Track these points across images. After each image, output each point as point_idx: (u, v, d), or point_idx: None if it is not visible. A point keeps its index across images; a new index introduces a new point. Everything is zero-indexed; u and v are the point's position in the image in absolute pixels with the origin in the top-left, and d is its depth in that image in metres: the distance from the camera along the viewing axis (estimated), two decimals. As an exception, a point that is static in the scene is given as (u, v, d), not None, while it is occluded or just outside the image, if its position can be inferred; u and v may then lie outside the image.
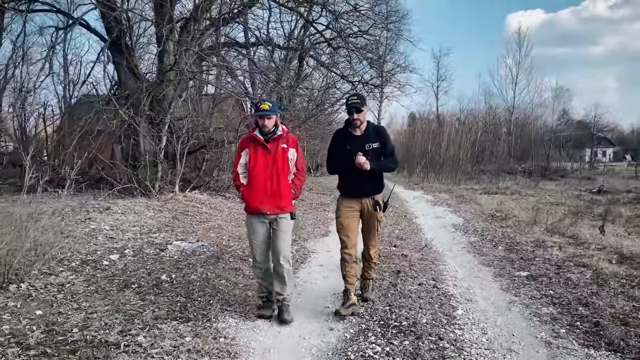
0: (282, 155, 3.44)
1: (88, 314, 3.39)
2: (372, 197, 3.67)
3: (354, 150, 3.57)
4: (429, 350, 2.93)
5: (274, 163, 3.41)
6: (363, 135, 3.67)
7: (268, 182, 3.40)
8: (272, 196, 3.40)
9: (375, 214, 3.67)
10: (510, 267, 4.98)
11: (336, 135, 3.89)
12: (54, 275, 4.19)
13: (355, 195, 3.72)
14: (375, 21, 14.60)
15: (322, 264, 5.12)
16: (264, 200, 3.39)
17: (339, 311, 3.52)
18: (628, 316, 3.43)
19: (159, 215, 7.21)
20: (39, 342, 2.91)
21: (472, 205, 10.70)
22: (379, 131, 3.78)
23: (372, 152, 3.62)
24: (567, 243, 5.85)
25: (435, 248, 6.02)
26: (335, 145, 3.79)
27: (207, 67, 11.38)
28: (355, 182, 3.66)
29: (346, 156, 3.61)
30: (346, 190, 3.79)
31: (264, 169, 3.41)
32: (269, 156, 3.42)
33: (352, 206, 3.72)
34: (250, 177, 3.46)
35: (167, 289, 4.01)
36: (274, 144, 3.44)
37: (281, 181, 3.42)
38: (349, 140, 3.67)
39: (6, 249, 3.88)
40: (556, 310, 3.64)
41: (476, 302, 3.89)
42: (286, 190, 3.45)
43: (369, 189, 3.70)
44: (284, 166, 3.44)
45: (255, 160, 3.43)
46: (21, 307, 3.47)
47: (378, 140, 3.68)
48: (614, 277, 4.27)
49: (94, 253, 4.98)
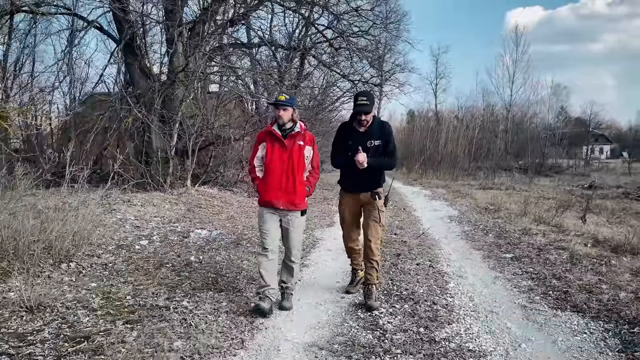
0: (298, 152, 3.50)
1: (135, 286, 4.02)
2: (372, 191, 3.76)
3: (355, 146, 3.66)
4: (425, 311, 3.58)
5: (290, 159, 3.48)
6: (366, 132, 3.72)
7: (283, 178, 3.48)
8: (287, 192, 3.48)
9: (375, 203, 3.74)
10: (497, 250, 5.65)
11: (340, 128, 3.97)
12: (96, 257, 4.82)
13: (356, 190, 3.82)
14: (374, 22, 15.20)
15: (330, 249, 5.76)
16: (278, 195, 3.48)
17: (348, 290, 4.02)
18: (593, 287, 4.09)
19: (176, 208, 7.83)
20: (100, 306, 3.54)
21: (468, 199, 11.37)
22: (383, 128, 3.81)
23: (373, 149, 3.70)
24: (550, 231, 6.53)
25: (431, 236, 6.68)
26: (339, 139, 3.88)
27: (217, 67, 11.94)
28: (356, 176, 3.73)
29: (347, 151, 3.71)
30: (347, 184, 3.90)
31: (280, 164, 3.48)
32: (285, 152, 3.48)
33: (352, 201, 3.86)
34: (266, 171, 3.54)
35: (197, 268, 4.65)
36: (291, 141, 3.50)
37: (296, 178, 3.49)
38: (352, 135, 3.75)
39: (55, 235, 4.52)
40: (533, 283, 4.31)
41: (466, 278, 4.55)
42: (300, 187, 3.53)
43: (369, 183, 3.77)
44: (299, 163, 3.51)
45: (271, 155, 3.50)
46: (76, 281, 4.10)
47: (381, 137, 3.73)
48: (586, 257, 4.95)
49: (125, 239, 5.61)
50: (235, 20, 11.82)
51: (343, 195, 3.97)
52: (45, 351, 2.77)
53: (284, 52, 15.25)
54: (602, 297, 3.80)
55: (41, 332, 3.02)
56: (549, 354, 2.90)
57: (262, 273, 3.49)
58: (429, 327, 3.26)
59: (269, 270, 3.50)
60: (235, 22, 12.07)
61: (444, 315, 3.52)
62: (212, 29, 11.46)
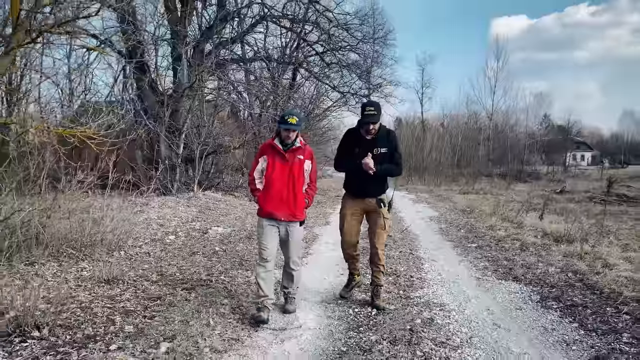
0: (298, 166, 3.67)
1: (179, 267, 5.22)
2: (376, 197, 3.92)
3: (362, 154, 3.81)
4: (404, 281, 4.87)
5: (291, 173, 3.65)
6: (373, 140, 3.86)
7: (284, 190, 3.64)
8: (287, 204, 3.65)
9: (381, 211, 3.89)
10: (465, 242, 6.99)
11: (347, 135, 4.07)
12: (138, 247, 6.00)
13: (360, 195, 3.96)
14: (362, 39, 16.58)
15: (328, 242, 7.02)
16: (279, 207, 3.64)
17: (342, 294, 4.23)
18: (531, 265, 5.45)
19: (189, 210, 9.01)
20: (158, 279, 4.74)
21: (448, 202, 12.78)
22: (389, 136, 3.94)
23: (379, 157, 3.83)
24: (511, 227, 7.92)
25: (413, 232, 8.01)
26: (345, 145, 4.01)
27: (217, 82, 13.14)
28: (361, 182, 3.88)
29: (354, 158, 3.86)
30: (351, 189, 4.04)
31: (281, 177, 3.64)
32: (286, 165, 3.65)
33: (355, 205, 4.00)
34: (267, 184, 3.69)
35: (223, 255, 5.86)
36: (292, 155, 3.67)
37: (297, 191, 3.66)
38: (359, 142, 3.89)
39: (108, 229, 5.70)
40: (488, 264, 5.64)
41: (437, 261, 5.87)
42: (300, 200, 3.70)
43: (373, 189, 3.90)
44: (299, 176, 3.68)
45: (273, 168, 3.66)
46: (130, 264, 5.28)
47: (387, 145, 3.87)
48: (533, 245, 6.32)
49: (155, 235, 6.79)
50: (236, 38, 13.10)
51: (347, 200, 4.07)
52: (133, 306, 3.96)
53: (277, 66, 16.56)
54: (536, 272, 5.15)
55: (124, 295, 4.21)
56: (489, 304, 4.21)
57: (260, 283, 3.65)
58: (406, 290, 4.55)
59: (266, 281, 3.66)
60: (236, 40, 13.36)
61: (418, 283, 4.82)
62: (214, 46, 12.72)
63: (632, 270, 4.92)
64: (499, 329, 3.62)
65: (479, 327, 3.66)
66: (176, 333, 3.33)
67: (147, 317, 3.68)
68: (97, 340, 3.19)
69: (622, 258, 5.50)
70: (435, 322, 3.71)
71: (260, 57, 14.87)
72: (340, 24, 15.17)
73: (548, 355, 3.13)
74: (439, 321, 3.74)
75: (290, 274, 3.82)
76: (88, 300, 3.99)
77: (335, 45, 15.45)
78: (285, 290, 3.89)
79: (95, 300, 4.01)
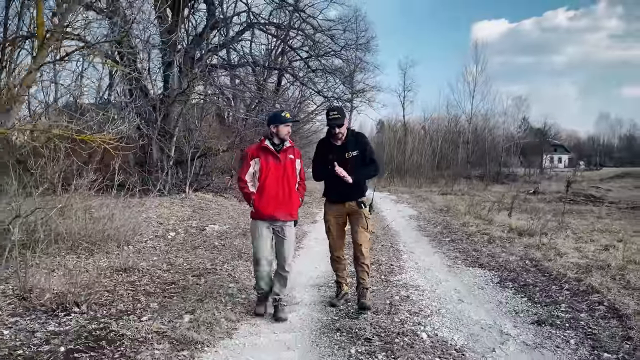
0: (291, 166, 3.81)
1: (185, 259, 5.90)
2: (356, 200, 4.07)
3: (335, 159, 3.99)
4: (385, 269, 5.67)
5: (285, 172, 3.77)
6: (343, 145, 4.05)
7: (280, 191, 3.74)
8: (285, 203, 3.75)
9: (362, 211, 4.04)
10: (440, 236, 7.86)
11: (319, 145, 4.30)
12: (143, 242, 6.64)
13: (340, 200, 4.12)
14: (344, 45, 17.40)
15: (317, 238, 7.76)
16: (277, 208, 3.74)
17: (333, 304, 4.19)
18: (496, 254, 6.33)
19: (183, 209, 9.64)
20: (168, 269, 5.41)
21: (427, 202, 13.72)
22: (357, 138, 4.12)
23: (352, 160, 4.00)
24: (482, 223, 8.84)
25: (394, 228, 8.84)
26: (319, 154, 4.20)
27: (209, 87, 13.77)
28: (339, 187, 4.02)
29: (328, 165, 4.02)
30: (331, 195, 4.20)
31: (276, 178, 3.74)
32: (279, 166, 3.76)
33: (338, 211, 4.14)
34: (262, 186, 3.75)
35: (223, 249, 6.55)
36: (284, 155, 3.79)
37: (292, 190, 3.80)
38: (331, 149, 4.09)
39: (121, 226, 6.34)
40: (459, 254, 6.50)
41: (414, 252, 6.69)
42: (295, 199, 3.84)
43: (351, 193, 4.05)
44: (293, 176, 3.81)
45: (267, 170, 3.74)
46: (141, 256, 5.93)
47: (357, 147, 4.04)
48: (499, 239, 7.22)
49: (156, 231, 7.43)
50: (225, 45, 13.76)
51: (329, 207, 4.22)
52: (152, 289, 4.64)
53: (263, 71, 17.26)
54: (499, 260, 6.03)
55: (142, 280, 4.88)
56: (457, 285, 5.03)
57: (259, 282, 3.92)
58: (386, 275, 5.35)
59: (264, 279, 3.91)
60: (225, 47, 14.02)
61: (397, 270, 5.62)
62: (203, 53, 13.35)
63: (578, 257, 5.83)
64: (462, 303, 4.44)
65: (446, 302, 4.47)
66: (195, 308, 4.03)
67: (166, 297, 4.37)
68: (129, 314, 3.87)
69: (573, 248, 6.43)
70: (411, 299, 4.51)
71: (247, 62, 15.55)
72: (324, 31, 15.98)
73: (499, 321, 3.95)
74: (414, 298, 4.54)
75: (284, 277, 3.85)
76: (112, 284, 4.65)
77: (319, 52, 16.25)
78: (277, 297, 3.87)
79: (118, 284, 4.67)
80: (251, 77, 16.65)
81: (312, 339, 3.53)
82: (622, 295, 4.32)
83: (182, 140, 12.02)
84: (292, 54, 18.33)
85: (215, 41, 13.77)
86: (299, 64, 18.47)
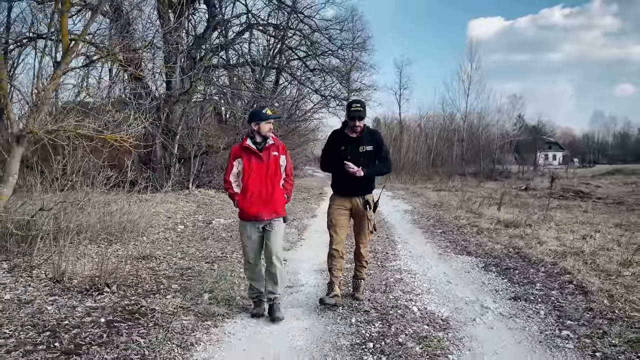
0: (274, 163, 3.76)
1: (197, 248, 6.44)
2: (363, 197, 4.08)
3: (348, 151, 3.96)
4: (381, 256, 6.24)
5: (268, 171, 3.73)
6: (358, 138, 4.02)
7: (264, 190, 3.72)
8: (268, 203, 3.74)
9: (366, 212, 4.07)
10: (433, 229, 8.44)
11: (333, 135, 4.24)
12: (156, 234, 7.17)
13: (347, 194, 4.11)
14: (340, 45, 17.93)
15: (317, 230, 8.33)
16: (261, 208, 3.72)
17: (323, 300, 4.00)
18: (483, 244, 6.92)
19: (188, 205, 10.18)
20: (183, 257, 5.95)
21: (422, 198, 14.32)
22: (373, 134, 4.14)
23: (365, 154, 4.00)
24: (473, 217, 9.44)
25: (389, 222, 9.41)
26: (331, 145, 4.17)
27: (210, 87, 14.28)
28: (348, 181, 4.00)
29: (340, 157, 3.98)
30: (338, 188, 4.18)
31: (259, 177, 3.72)
32: (262, 165, 3.73)
33: (343, 204, 4.13)
34: (245, 186, 3.74)
35: (230, 240, 7.10)
36: (267, 153, 3.75)
37: (275, 188, 3.77)
38: (345, 141, 4.05)
39: (135, 219, 6.87)
40: (450, 244, 7.08)
41: (408, 243, 7.27)
42: (280, 196, 3.81)
43: (360, 188, 4.05)
44: (276, 173, 3.78)
45: (250, 170, 3.72)
46: (155, 245, 6.46)
47: (372, 143, 4.03)
48: (487, 230, 7.82)
49: (166, 224, 7.96)
50: (225, 45, 14.27)
51: (334, 199, 4.21)
52: (171, 273, 5.17)
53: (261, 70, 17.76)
54: (485, 248, 6.62)
55: (160, 266, 5.42)
56: (446, 270, 5.60)
57: (252, 283, 3.92)
58: (382, 262, 5.92)
59: (257, 280, 3.90)
60: (225, 48, 14.53)
61: (392, 257, 6.20)
62: (204, 54, 13.85)
63: (557, 245, 6.43)
64: (450, 284, 5.01)
65: (436, 283, 5.04)
66: (212, 288, 4.58)
67: (185, 280, 4.92)
68: (154, 293, 4.41)
69: (554, 237, 7.03)
70: (404, 280, 5.08)
71: (245, 62, 16.07)
72: (321, 30, 16.51)
73: (481, 297, 4.52)
74: (407, 280, 5.11)
75: (274, 275, 3.79)
76: (134, 270, 5.18)
77: (316, 51, 16.78)
78: (272, 296, 3.84)
79: (140, 270, 5.21)
80: (249, 75, 17.19)
81: (317, 312, 4.09)
82: (590, 275, 4.91)
83: (185, 139, 12.54)
84: (289, 54, 18.88)
85: (216, 42, 14.28)
86: (297, 63, 19.03)
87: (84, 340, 3.31)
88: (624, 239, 6.84)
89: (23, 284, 4.45)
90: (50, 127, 4.84)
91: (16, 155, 5.48)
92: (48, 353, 3.10)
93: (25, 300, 4.07)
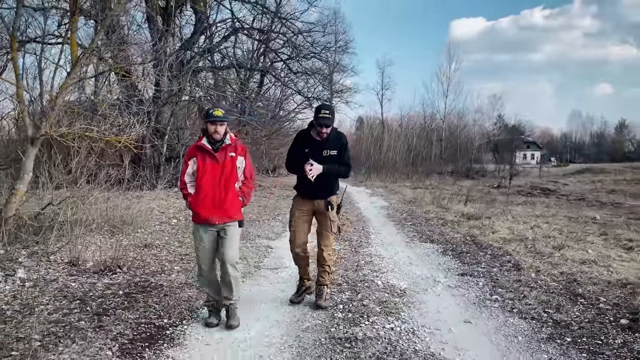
0: (230, 165, 3.59)
1: (192, 239, 7.25)
2: (325, 199, 4.05)
3: (311, 155, 3.93)
4: (356, 244, 7.18)
5: (223, 173, 3.56)
6: (323, 142, 3.96)
7: (217, 192, 3.55)
8: (221, 206, 3.55)
9: (328, 214, 4.03)
10: (404, 222, 9.45)
11: (298, 136, 4.19)
12: (153, 227, 7.97)
13: (309, 196, 4.09)
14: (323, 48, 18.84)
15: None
16: (212, 212, 3.55)
17: (292, 299, 4.24)
18: (445, 233, 7.94)
19: (178, 201, 10.94)
20: (180, 245, 6.78)
21: (399, 195, 15.38)
22: (339, 139, 4.06)
23: (329, 158, 3.97)
24: (441, 211, 10.49)
25: (366, 216, 10.39)
26: (296, 146, 4.12)
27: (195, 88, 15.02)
28: (310, 183, 3.94)
29: (303, 159, 3.93)
30: (301, 190, 4.14)
31: (212, 178, 3.55)
32: (217, 166, 3.56)
33: (305, 206, 4.13)
34: (198, 187, 3.59)
35: (221, 231, 7.94)
36: (223, 153, 3.58)
37: (229, 191, 3.58)
38: (309, 144, 3.99)
39: (134, 213, 7.66)
40: (417, 234, 8.08)
41: (381, 233, 8.25)
42: (234, 200, 3.61)
43: (322, 190, 4.03)
44: (232, 175, 3.60)
45: (204, 170, 3.55)
46: (154, 236, 7.27)
47: (337, 147, 4.00)
48: (451, 222, 8.86)
49: (160, 219, 8.76)
50: (212, 49, 15.04)
51: (297, 200, 4.19)
52: (172, 258, 6.01)
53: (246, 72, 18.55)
54: (446, 237, 7.63)
55: (161, 253, 6.25)
56: (410, 254, 6.58)
57: (206, 290, 3.82)
58: (356, 248, 6.87)
59: (211, 287, 3.78)
60: (211, 51, 15.29)
61: (365, 245, 7.15)
62: (192, 56, 14.60)
63: (507, 233, 7.49)
64: (412, 265, 5.98)
65: (400, 265, 6.00)
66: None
67: (185, 263, 5.77)
68: (160, 273, 5.26)
69: (507, 227, 8.10)
70: (373, 262, 6.03)
71: (231, 64, 16.84)
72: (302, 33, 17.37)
73: (435, 274, 5.50)
74: (376, 262, 6.07)
75: (229, 282, 3.65)
76: (139, 256, 6.00)
77: (299, 53, 17.66)
78: (227, 303, 3.70)
79: (144, 256, 6.03)
80: (234, 77, 17.97)
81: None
82: (527, 256, 5.95)
83: (173, 139, 13.28)
84: (273, 56, 19.70)
85: (203, 46, 15.03)
86: (281, 65, 19.86)
87: (109, 306, 4.15)
88: (566, 229, 7.94)
89: (44, 267, 5.23)
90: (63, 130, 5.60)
91: (31, 155, 6.22)
92: (82, 314, 3.93)
93: (49, 279, 4.87)
